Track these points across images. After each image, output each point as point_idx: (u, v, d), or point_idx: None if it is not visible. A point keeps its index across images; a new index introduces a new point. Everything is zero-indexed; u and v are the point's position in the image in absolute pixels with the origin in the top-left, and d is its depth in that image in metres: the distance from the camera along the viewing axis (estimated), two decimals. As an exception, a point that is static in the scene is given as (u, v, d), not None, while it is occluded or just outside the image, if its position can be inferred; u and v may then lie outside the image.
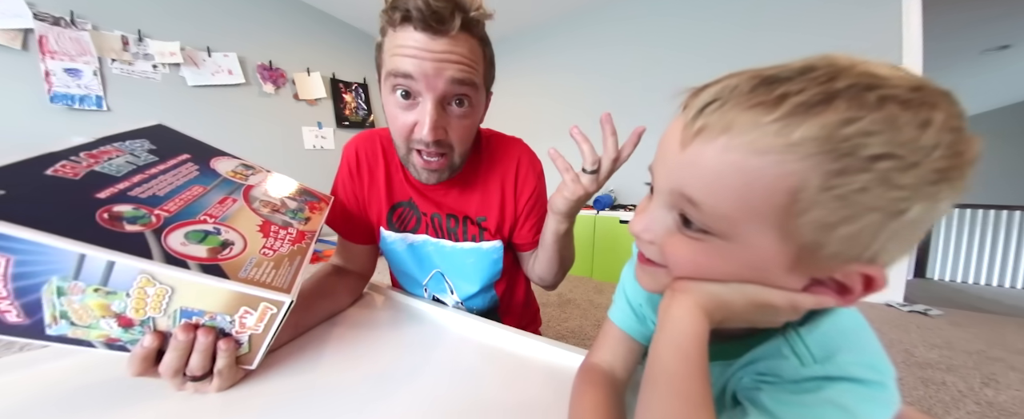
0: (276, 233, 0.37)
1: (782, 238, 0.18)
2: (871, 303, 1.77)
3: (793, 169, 0.17)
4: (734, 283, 0.21)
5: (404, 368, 0.38)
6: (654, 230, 0.24)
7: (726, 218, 0.19)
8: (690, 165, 0.20)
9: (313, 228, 0.43)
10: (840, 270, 0.19)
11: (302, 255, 0.37)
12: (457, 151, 0.49)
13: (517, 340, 0.43)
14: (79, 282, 0.25)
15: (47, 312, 0.26)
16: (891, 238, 0.17)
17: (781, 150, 0.17)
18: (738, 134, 0.18)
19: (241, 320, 0.31)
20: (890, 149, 0.15)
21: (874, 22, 1.76)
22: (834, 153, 0.16)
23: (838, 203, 0.16)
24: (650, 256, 0.25)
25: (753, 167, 0.17)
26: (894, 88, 0.16)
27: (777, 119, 0.17)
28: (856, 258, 0.18)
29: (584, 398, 0.30)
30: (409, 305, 0.55)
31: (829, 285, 0.20)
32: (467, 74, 0.42)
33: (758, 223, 0.18)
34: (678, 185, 0.21)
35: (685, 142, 0.20)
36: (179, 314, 0.29)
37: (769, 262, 0.20)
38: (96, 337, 0.28)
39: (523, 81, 3.16)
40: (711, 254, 0.21)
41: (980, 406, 0.94)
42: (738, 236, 0.20)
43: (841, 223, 0.17)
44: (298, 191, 0.47)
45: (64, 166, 0.29)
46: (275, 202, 0.42)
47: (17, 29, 1.56)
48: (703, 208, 0.20)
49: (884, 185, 0.16)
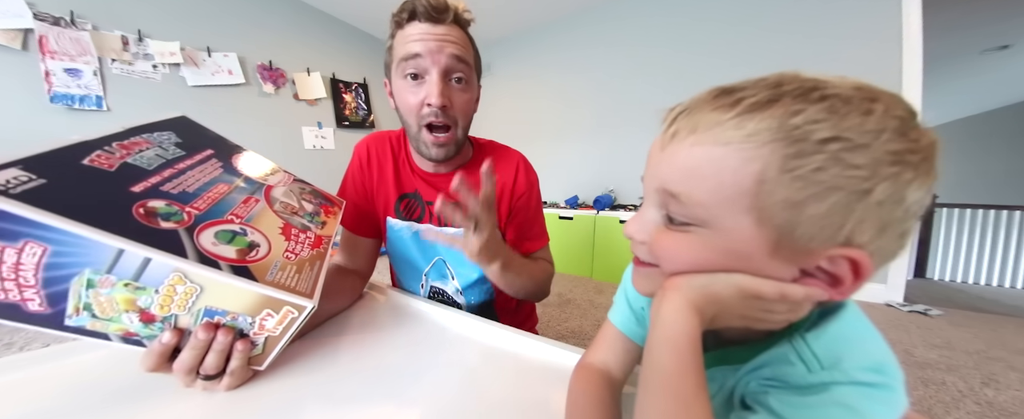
0: (296, 237, 0.37)
1: (758, 222, 0.20)
2: (871, 303, 1.77)
3: (754, 155, 0.19)
4: (722, 274, 0.22)
5: (405, 368, 0.38)
6: (645, 230, 0.25)
7: (703, 205, 0.21)
8: (668, 163, 0.23)
9: (329, 233, 0.43)
10: (823, 256, 0.20)
11: (321, 260, 0.38)
12: (460, 125, 0.55)
13: (517, 340, 0.43)
14: (111, 276, 0.25)
15: (71, 303, 0.25)
16: (864, 220, 0.18)
17: (741, 140, 0.19)
18: (704, 131, 0.21)
19: (261, 322, 0.31)
20: (837, 133, 0.17)
21: (874, 22, 1.76)
22: (788, 139, 0.18)
23: (800, 183, 0.18)
24: (642, 257, 0.26)
25: (719, 156, 0.20)
26: (835, 88, 0.18)
27: (735, 116, 0.19)
28: (833, 240, 0.19)
29: (580, 397, 0.30)
30: (410, 305, 0.55)
31: (819, 276, 0.21)
32: (462, 53, 0.51)
33: (733, 208, 0.20)
34: (661, 183, 0.23)
35: (663, 145, 0.23)
36: (202, 313, 0.29)
37: (751, 248, 0.20)
38: (114, 330, 0.28)
39: (522, 83, 3.16)
40: (696, 245, 0.22)
41: (980, 406, 0.94)
42: (717, 223, 0.21)
43: (808, 202, 0.18)
44: (312, 193, 0.47)
45: (99, 156, 0.29)
46: (293, 205, 0.42)
47: (17, 29, 1.56)
48: (683, 199, 0.22)
49: (838, 164, 0.17)
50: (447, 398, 0.33)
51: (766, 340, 0.25)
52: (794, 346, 0.22)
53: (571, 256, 2.37)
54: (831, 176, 0.18)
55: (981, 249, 3.74)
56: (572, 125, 2.88)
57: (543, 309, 1.67)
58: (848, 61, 1.83)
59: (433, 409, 0.31)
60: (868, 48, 1.78)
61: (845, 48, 1.84)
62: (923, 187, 0.18)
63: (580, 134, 2.84)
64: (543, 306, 1.70)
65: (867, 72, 1.78)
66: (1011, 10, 2.48)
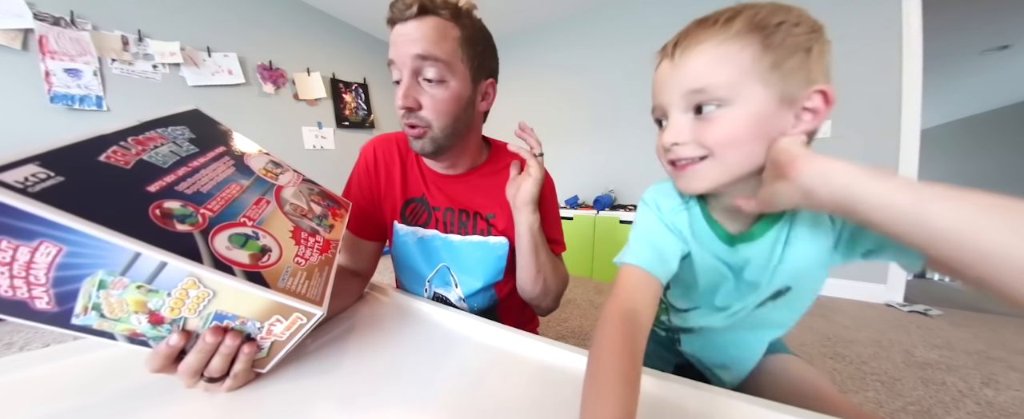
0: (306, 241, 0.37)
1: (764, 85, 0.30)
2: (871, 303, 1.77)
3: (744, 43, 0.30)
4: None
5: (406, 368, 0.38)
6: (681, 133, 0.34)
7: (726, 86, 0.31)
8: (687, 70, 0.32)
9: (337, 237, 0.43)
10: (804, 97, 0.31)
11: (329, 266, 0.37)
12: (436, 126, 0.51)
13: (517, 340, 0.43)
14: (125, 278, 0.25)
15: (80, 303, 0.25)
16: (815, 65, 0.30)
17: (732, 37, 0.30)
18: (706, 40, 0.32)
19: (269, 327, 0.31)
20: (783, 18, 0.30)
21: (874, 22, 1.76)
22: (758, 27, 0.30)
23: (776, 50, 0.30)
24: (686, 153, 0.34)
25: (723, 52, 0.31)
26: (765, 5, 0.31)
27: (721, 26, 0.31)
28: (806, 83, 0.30)
29: (607, 342, 0.31)
30: (412, 305, 0.55)
31: (805, 116, 0.31)
32: (426, 49, 0.47)
33: (745, 82, 0.30)
34: (685, 86, 0.33)
35: (675, 64, 0.33)
36: (212, 317, 0.29)
37: (766, 107, 0.31)
38: (120, 330, 0.28)
39: (523, 82, 3.16)
40: (730, 120, 0.31)
41: (980, 406, 0.94)
42: (739, 96, 0.31)
43: (783, 60, 0.30)
44: (321, 194, 0.47)
45: (115, 152, 0.28)
46: (303, 207, 0.42)
47: (17, 29, 1.56)
48: (709, 88, 0.31)
49: (791, 35, 0.30)
50: (449, 398, 0.33)
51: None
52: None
53: (571, 256, 2.37)
54: (791, 42, 0.30)
55: (981, 249, 3.74)
56: (572, 125, 2.88)
57: (543, 309, 1.67)
58: (848, 61, 1.83)
59: (435, 409, 0.31)
60: (868, 48, 1.78)
61: (845, 48, 1.83)
62: (829, 47, 0.32)
63: (580, 134, 2.84)
64: (543, 306, 1.70)
65: (867, 72, 1.78)
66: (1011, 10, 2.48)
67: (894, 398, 0.97)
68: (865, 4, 1.77)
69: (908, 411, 0.92)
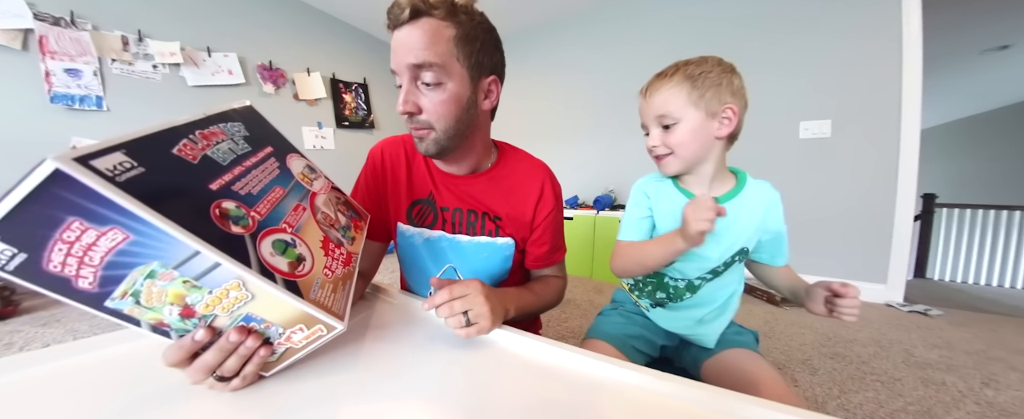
0: (333, 252, 0.37)
1: (696, 108, 0.53)
2: (871, 303, 1.77)
3: (681, 87, 0.53)
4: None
5: (408, 368, 0.38)
6: (656, 140, 0.56)
7: (675, 112, 0.54)
8: (654, 104, 0.56)
9: (357, 249, 0.43)
10: (721, 112, 0.53)
11: (350, 279, 0.38)
12: (438, 128, 0.51)
13: (518, 340, 0.43)
14: (175, 272, 0.25)
15: (121, 288, 0.25)
16: (725, 93, 0.53)
17: (674, 84, 0.54)
18: (661, 87, 0.55)
19: (290, 334, 0.31)
20: (701, 69, 0.53)
21: (874, 22, 1.76)
22: (689, 77, 0.53)
23: (700, 89, 0.52)
24: (661, 152, 0.57)
25: (672, 93, 0.54)
26: (696, 61, 0.55)
27: (666, 79, 0.55)
28: (721, 103, 0.52)
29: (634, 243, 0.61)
30: (415, 306, 0.55)
31: (724, 121, 0.54)
32: (420, 57, 0.46)
33: (685, 108, 0.53)
34: (654, 113, 0.56)
35: (647, 99, 0.57)
36: (241, 318, 0.29)
37: (701, 120, 0.53)
38: (149, 319, 0.28)
39: (522, 83, 3.16)
40: (681, 131, 0.54)
41: (980, 406, 0.94)
42: (684, 117, 0.53)
43: (706, 91, 0.52)
44: (346, 204, 0.47)
45: (186, 145, 0.28)
46: (331, 216, 0.42)
47: (17, 29, 1.57)
48: (667, 114, 0.54)
49: (707, 78, 0.53)
50: (450, 398, 0.33)
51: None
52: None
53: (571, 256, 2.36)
54: (708, 81, 0.52)
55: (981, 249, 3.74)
56: (572, 125, 2.88)
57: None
58: (848, 61, 1.83)
59: (436, 409, 0.31)
60: (868, 48, 1.78)
61: (845, 48, 1.84)
62: (737, 77, 0.54)
63: (580, 134, 2.84)
64: (543, 306, 1.70)
65: (867, 72, 1.78)
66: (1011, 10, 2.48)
67: (894, 398, 0.97)
68: (865, 4, 1.77)
69: (908, 411, 0.92)
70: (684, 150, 0.55)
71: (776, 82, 1.97)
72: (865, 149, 1.81)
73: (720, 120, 0.53)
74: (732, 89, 0.52)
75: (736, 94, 0.53)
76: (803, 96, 1.94)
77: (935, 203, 2.89)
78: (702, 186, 0.59)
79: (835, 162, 1.89)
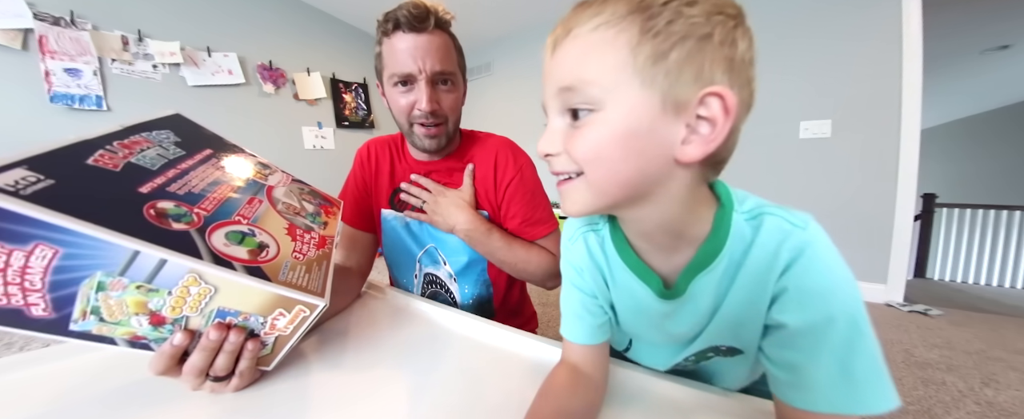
0: (301, 237, 0.37)
1: (642, 84, 0.23)
2: (872, 303, 1.77)
3: (619, 28, 0.23)
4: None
5: (409, 368, 0.38)
6: (556, 140, 0.27)
7: (596, 84, 0.24)
8: (558, 66, 0.26)
9: (331, 233, 0.43)
10: (697, 102, 0.23)
11: (327, 260, 0.38)
12: (450, 120, 0.60)
13: (518, 340, 0.43)
14: (124, 279, 0.25)
15: (78, 307, 0.25)
16: (714, 60, 0.23)
17: (607, 22, 0.23)
18: (577, 28, 0.25)
19: (273, 322, 0.31)
20: (674, 3, 0.22)
21: (874, 22, 1.76)
22: (639, 8, 0.23)
23: (659, 37, 0.22)
24: (561, 167, 0.28)
25: (595, 40, 0.24)
26: None
27: (596, 9, 0.24)
28: (698, 83, 0.23)
29: (551, 378, 0.33)
30: (412, 305, 0.55)
31: (701, 128, 0.24)
32: (445, 64, 0.55)
33: (619, 78, 0.23)
34: (557, 84, 0.26)
35: (552, 55, 0.27)
36: (214, 314, 0.29)
37: (645, 112, 0.23)
38: (121, 334, 0.27)
39: (522, 82, 3.16)
40: (603, 131, 0.24)
41: (980, 406, 0.94)
42: (613, 97, 0.24)
43: (669, 51, 0.22)
44: (311, 193, 0.47)
45: (102, 156, 0.28)
46: (295, 205, 0.42)
47: (17, 29, 1.56)
48: (578, 87, 0.25)
49: (681, 16, 0.22)
50: (450, 398, 0.33)
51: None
52: None
53: (571, 256, 2.37)
54: (679, 26, 0.22)
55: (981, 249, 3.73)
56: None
57: (543, 309, 1.67)
58: (848, 61, 1.83)
59: (437, 409, 0.31)
60: (868, 48, 1.77)
61: (845, 48, 1.84)
62: (745, 37, 0.24)
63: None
64: (543, 306, 1.70)
65: (867, 72, 1.78)
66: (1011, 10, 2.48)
67: (894, 398, 0.97)
68: (865, 4, 1.77)
69: (908, 411, 0.92)
70: (599, 171, 0.26)
71: (776, 82, 1.97)
72: (865, 149, 1.81)
73: (690, 120, 0.24)
74: (729, 57, 0.23)
75: (735, 68, 0.24)
76: (803, 96, 1.94)
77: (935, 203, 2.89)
78: (658, 252, 0.32)
79: (835, 162, 1.89)
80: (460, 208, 0.59)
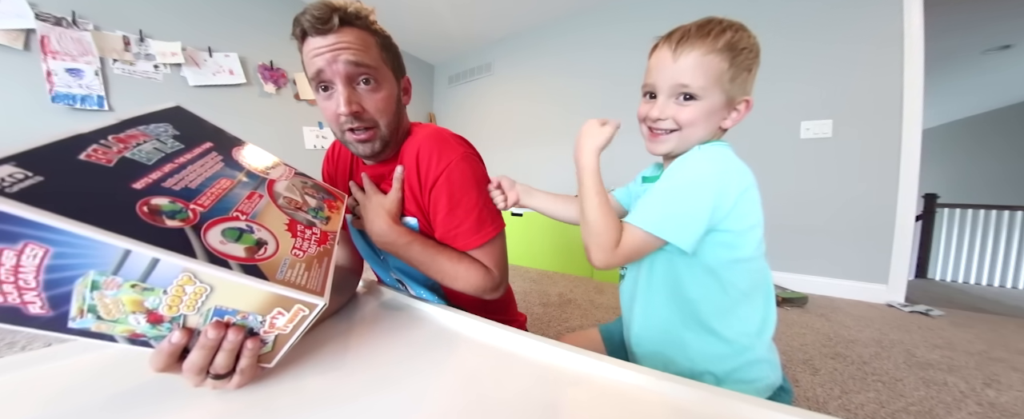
0: (302, 233, 0.37)
1: (721, 92, 0.44)
2: (872, 304, 1.77)
3: (720, 58, 0.43)
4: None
5: (409, 367, 0.38)
6: (666, 112, 0.47)
7: (702, 88, 0.44)
8: (681, 68, 0.44)
9: (334, 229, 0.42)
10: (738, 103, 0.47)
11: (328, 257, 0.37)
12: (381, 123, 0.55)
13: (517, 340, 0.43)
14: (117, 278, 0.24)
15: (74, 305, 0.24)
16: (748, 81, 0.45)
17: (715, 51, 0.43)
18: (699, 47, 0.43)
19: (272, 321, 0.31)
20: (745, 44, 0.44)
21: (874, 22, 1.76)
22: (732, 48, 0.43)
23: (736, 68, 0.44)
24: (664, 127, 0.48)
25: (706, 61, 0.43)
26: (736, 23, 0.45)
27: (711, 39, 0.43)
28: (742, 94, 0.46)
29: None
30: (408, 304, 0.55)
31: (732, 114, 0.47)
32: (358, 56, 0.51)
33: (713, 87, 0.44)
34: (676, 80, 0.45)
35: (675, 58, 0.44)
36: (212, 313, 0.29)
37: (719, 104, 0.45)
38: (120, 332, 0.27)
39: (522, 83, 3.16)
40: (697, 109, 0.45)
41: (982, 407, 0.94)
42: (707, 96, 0.45)
43: (735, 77, 0.44)
44: (314, 187, 0.47)
45: (95, 151, 0.27)
46: (297, 200, 0.41)
47: (19, 29, 1.57)
48: (692, 86, 0.44)
49: (746, 58, 0.44)
50: (446, 397, 0.33)
51: None
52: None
53: (571, 257, 2.37)
54: (744, 63, 0.44)
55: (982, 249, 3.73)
56: (571, 126, 2.88)
57: (543, 309, 1.67)
58: (849, 60, 1.83)
59: (437, 409, 0.31)
60: (869, 47, 1.77)
61: (845, 48, 1.83)
62: (757, 62, 0.46)
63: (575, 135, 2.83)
64: (543, 306, 1.70)
65: (868, 71, 1.78)
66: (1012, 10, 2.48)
67: (895, 398, 0.97)
68: (865, 4, 1.77)
69: (909, 411, 0.91)
70: (692, 132, 0.46)
71: (777, 82, 1.97)
72: (866, 149, 1.81)
73: (732, 109, 0.46)
74: (753, 78, 0.46)
75: (752, 83, 0.46)
76: (804, 96, 1.94)
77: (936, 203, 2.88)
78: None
79: (836, 162, 1.89)
80: (379, 216, 0.56)
